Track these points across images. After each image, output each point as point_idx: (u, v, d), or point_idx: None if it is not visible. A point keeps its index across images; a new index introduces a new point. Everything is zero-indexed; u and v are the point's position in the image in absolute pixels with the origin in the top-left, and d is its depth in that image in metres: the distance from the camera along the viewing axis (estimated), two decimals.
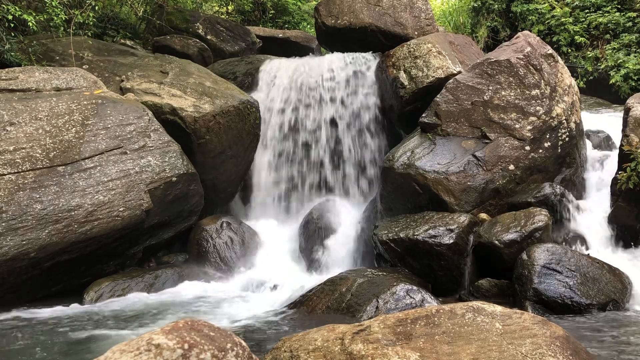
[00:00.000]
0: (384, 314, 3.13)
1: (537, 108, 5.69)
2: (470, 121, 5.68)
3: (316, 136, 7.13)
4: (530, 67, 5.81)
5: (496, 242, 4.68)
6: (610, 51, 9.19)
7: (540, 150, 5.59)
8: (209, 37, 8.85)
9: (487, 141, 5.56)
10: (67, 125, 5.38)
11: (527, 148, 5.55)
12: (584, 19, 9.84)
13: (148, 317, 4.50)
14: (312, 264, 6.14)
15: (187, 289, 5.42)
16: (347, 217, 6.42)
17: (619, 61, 8.93)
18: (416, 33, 7.36)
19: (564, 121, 5.76)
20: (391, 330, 2.38)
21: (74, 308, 4.84)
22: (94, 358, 1.88)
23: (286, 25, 12.41)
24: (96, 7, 7.70)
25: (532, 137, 5.58)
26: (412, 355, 2.20)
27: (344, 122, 7.11)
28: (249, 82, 7.58)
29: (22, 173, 4.94)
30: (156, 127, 5.83)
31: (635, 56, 8.87)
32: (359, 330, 2.40)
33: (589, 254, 4.70)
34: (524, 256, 4.44)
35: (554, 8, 10.14)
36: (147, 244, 5.72)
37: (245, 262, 6.10)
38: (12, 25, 6.36)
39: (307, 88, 7.26)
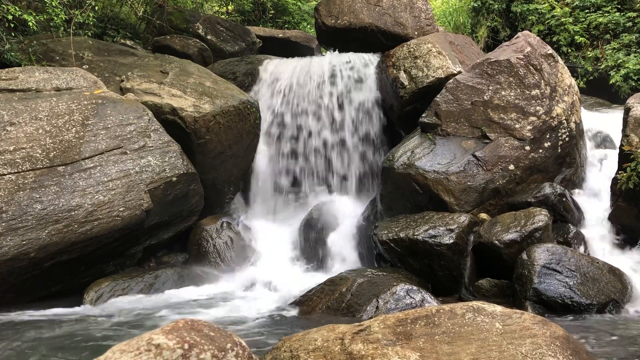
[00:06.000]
0: (384, 314, 3.14)
1: (537, 108, 5.69)
2: (470, 121, 5.68)
3: (316, 136, 7.13)
4: (530, 67, 5.81)
5: (496, 242, 4.68)
6: (610, 51, 9.19)
7: (540, 150, 5.59)
8: (209, 37, 8.85)
9: (487, 141, 5.56)
10: (67, 125, 5.38)
11: (527, 148, 5.55)
12: (584, 19, 9.83)
13: (148, 317, 4.50)
14: (312, 264, 6.14)
15: (187, 289, 5.42)
16: (347, 217, 6.42)
17: (619, 61, 8.92)
18: (416, 33, 7.36)
19: (564, 121, 5.76)
20: (391, 330, 2.38)
21: (74, 308, 4.84)
22: (94, 358, 1.88)
23: (286, 25, 12.40)
24: (96, 7, 7.70)
25: (532, 137, 5.58)
26: (412, 355, 2.20)
27: (343, 122, 7.10)
28: (249, 82, 7.58)
29: (22, 173, 4.94)
30: (156, 127, 5.83)
31: (635, 56, 8.86)
32: (359, 330, 2.40)
33: (589, 254, 4.69)
34: (524, 256, 4.44)
35: (554, 8, 10.13)
36: (147, 244, 5.72)
37: (245, 262, 6.10)
38: (12, 25, 6.36)
39: (307, 88, 7.26)
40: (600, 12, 9.69)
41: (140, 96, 6.18)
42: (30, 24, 6.32)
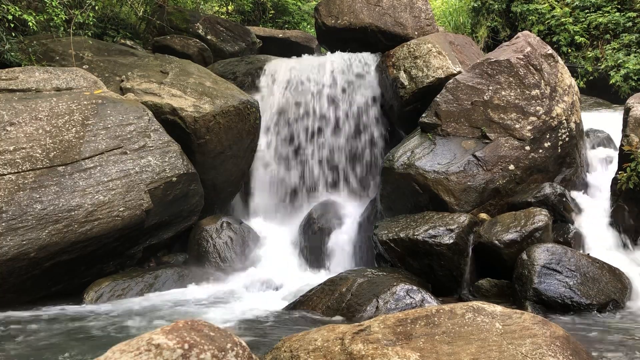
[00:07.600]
0: (384, 314, 3.14)
1: (537, 108, 5.69)
2: (470, 121, 5.68)
3: (316, 137, 7.13)
4: (530, 67, 5.81)
5: (496, 242, 4.68)
6: (610, 51, 9.19)
7: (540, 150, 5.59)
8: (209, 37, 8.85)
9: (487, 141, 5.56)
10: (67, 125, 5.38)
11: (527, 148, 5.55)
12: (584, 19, 9.83)
13: (148, 317, 4.50)
14: (312, 263, 6.14)
15: (187, 289, 5.43)
16: (347, 217, 6.42)
17: (619, 61, 8.92)
18: (416, 33, 7.36)
19: (564, 121, 5.76)
20: (391, 330, 2.38)
21: (74, 308, 4.84)
22: (94, 358, 1.88)
23: (286, 25, 12.41)
24: (96, 7, 7.70)
25: (532, 137, 5.58)
26: (412, 355, 2.20)
27: (343, 123, 7.11)
28: (249, 82, 7.58)
29: (22, 173, 4.94)
30: (156, 127, 5.83)
31: (635, 56, 8.86)
32: (359, 330, 2.40)
33: (589, 254, 4.69)
34: (524, 256, 4.44)
35: (554, 8, 10.13)
36: (147, 244, 5.72)
37: (245, 262, 6.10)
38: (12, 25, 6.36)
39: (307, 88, 7.26)
40: (600, 12, 9.69)
41: (140, 96, 6.18)
42: (30, 24, 6.32)
